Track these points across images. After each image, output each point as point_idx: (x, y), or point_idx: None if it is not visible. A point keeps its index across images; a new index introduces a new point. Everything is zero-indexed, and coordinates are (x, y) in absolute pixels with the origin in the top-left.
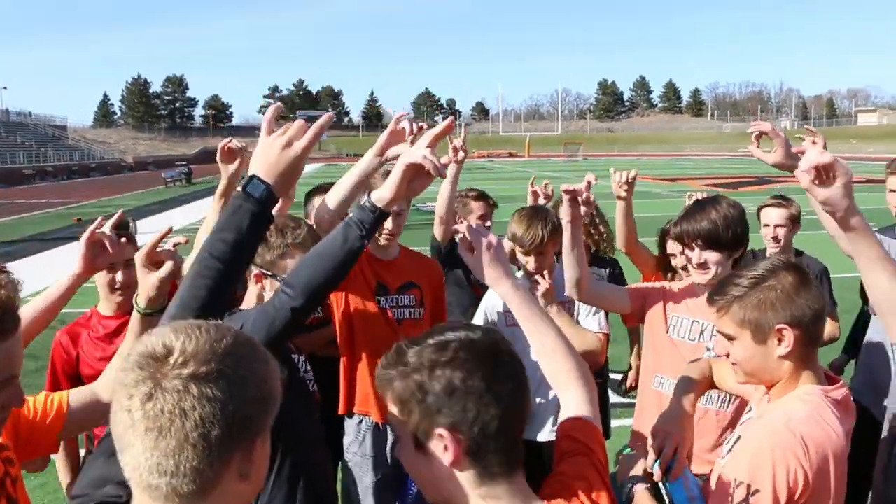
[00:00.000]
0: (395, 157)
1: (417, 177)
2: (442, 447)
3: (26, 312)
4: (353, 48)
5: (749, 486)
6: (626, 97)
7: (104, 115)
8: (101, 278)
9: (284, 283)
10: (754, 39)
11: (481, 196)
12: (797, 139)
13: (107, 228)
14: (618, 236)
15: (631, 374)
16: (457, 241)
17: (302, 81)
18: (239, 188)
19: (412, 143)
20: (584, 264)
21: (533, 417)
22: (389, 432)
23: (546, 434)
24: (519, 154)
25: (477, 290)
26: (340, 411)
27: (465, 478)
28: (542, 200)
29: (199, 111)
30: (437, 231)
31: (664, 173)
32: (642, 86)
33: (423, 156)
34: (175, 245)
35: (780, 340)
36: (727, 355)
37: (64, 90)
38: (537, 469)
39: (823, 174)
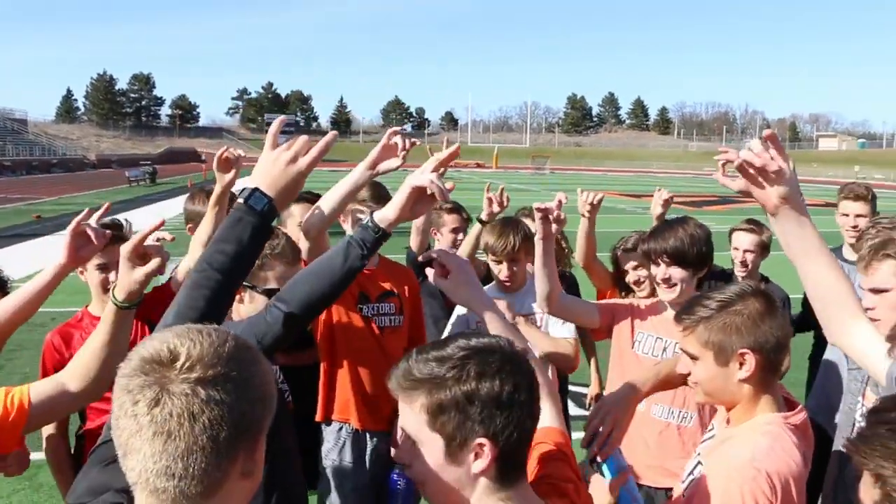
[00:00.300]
0: (386, 172)
1: (421, 200)
2: (473, 456)
3: (8, 302)
4: (324, 53)
5: None
6: (594, 112)
7: (67, 110)
8: (94, 278)
9: (278, 298)
10: (722, 61)
11: (455, 209)
12: None
13: (93, 221)
14: (577, 252)
15: (593, 388)
16: (430, 261)
17: (271, 84)
18: (240, 200)
19: (403, 158)
20: (555, 279)
21: None
22: (369, 439)
23: None
24: (486, 165)
25: (448, 302)
26: (318, 418)
27: (487, 484)
28: (496, 207)
29: (165, 110)
30: (413, 241)
31: (630, 189)
32: (611, 102)
33: (430, 180)
34: (159, 240)
35: (741, 364)
36: (688, 374)
37: (24, 84)
38: None
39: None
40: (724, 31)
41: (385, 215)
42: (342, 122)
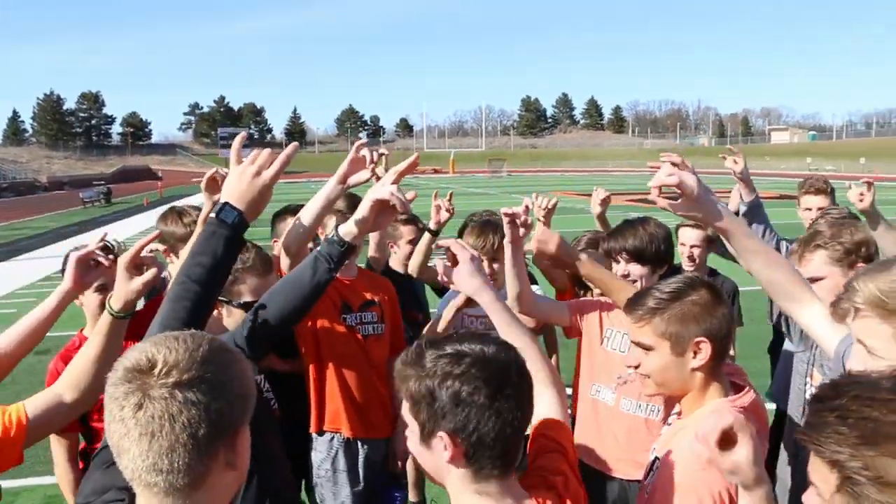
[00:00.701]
0: (357, 185)
1: (383, 212)
2: (442, 446)
3: (13, 332)
4: (276, 65)
5: None
6: (548, 114)
7: (14, 132)
8: (92, 301)
9: (258, 307)
10: (674, 58)
11: (411, 220)
12: (718, 158)
13: (94, 247)
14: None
15: None
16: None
17: (223, 98)
18: (212, 215)
19: (373, 171)
20: (526, 280)
21: None
22: (360, 447)
23: None
24: (444, 170)
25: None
26: (312, 429)
27: (461, 474)
28: (444, 215)
29: (116, 129)
30: (372, 253)
31: (587, 189)
32: (565, 102)
33: (390, 192)
34: (153, 252)
35: (695, 353)
36: (637, 366)
37: None
38: None
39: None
40: (675, 29)
41: (349, 229)
42: (297, 132)
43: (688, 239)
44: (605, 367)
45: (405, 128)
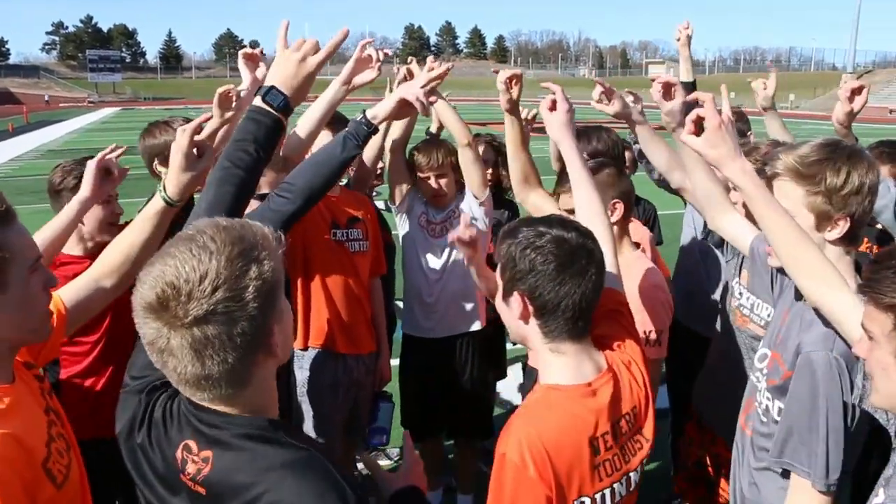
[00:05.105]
0: (362, 85)
1: (405, 107)
2: (516, 304)
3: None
4: None
5: None
6: (432, 42)
7: None
8: (96, 213)
9: (281, 188)
10: None
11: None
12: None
13: (113, 156)
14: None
15: None
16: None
17: (91, 18)
18: (258, 99)
19: (378, 69)
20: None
21: None
22: (346, 361)
23: None
24: None
25: None
26: (298, 346)
27: (536, 333)
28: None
29: None
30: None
31: (475, 118)
32: (448, 31)
33: (415, 96)
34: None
35: (612, 211)
36: None
37: None
38: None
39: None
40: None
41: (375, 112)
42: (172, 57)
43: None
44: None
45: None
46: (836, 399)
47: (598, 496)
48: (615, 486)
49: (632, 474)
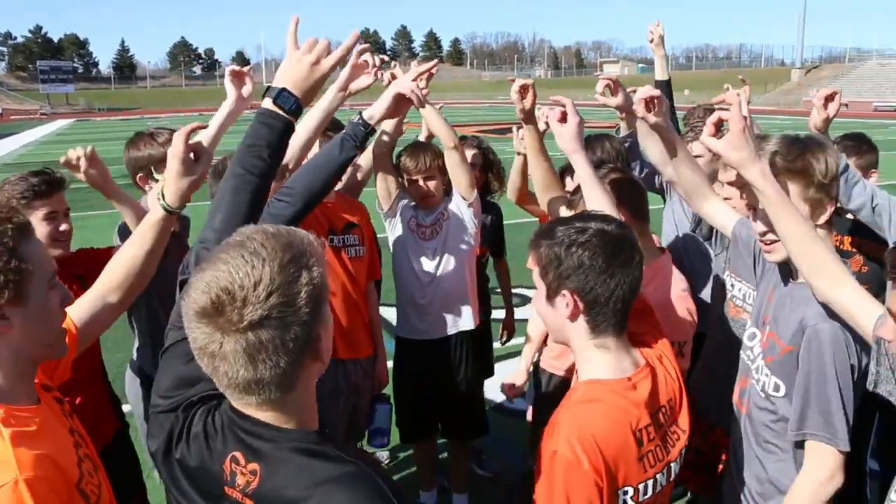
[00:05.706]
0: (358, 91)
1: (401, 103)
2: (565, 303)
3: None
4: None
5: None
6: (388, 46)
7: None
8: (41, 230)
9: (279, 192)
10: None
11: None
12: (552, 90)
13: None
14: (509, 189)
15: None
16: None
17: (40, 28)
18: (268, 101)
19: (375, 75)
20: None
21: None
22: (345, 367)
23: None
24: None
25: None
26: None
27: (582, 330)
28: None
29: None
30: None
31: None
32: (404, 35)
33: (409, 89)
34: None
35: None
36: None
37: None
38: None
39: (652, 105)
40: None
41: (372, 113)
42: (125, 67)
43: None
44: None
45: (242, 61)
46: (844, 363)
47: (641, 486)
48: (657, 476)
49: (672, 464)
